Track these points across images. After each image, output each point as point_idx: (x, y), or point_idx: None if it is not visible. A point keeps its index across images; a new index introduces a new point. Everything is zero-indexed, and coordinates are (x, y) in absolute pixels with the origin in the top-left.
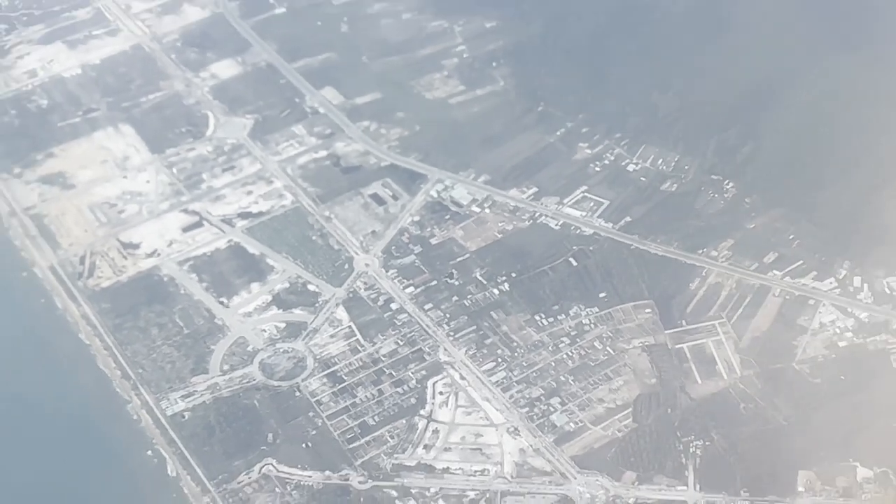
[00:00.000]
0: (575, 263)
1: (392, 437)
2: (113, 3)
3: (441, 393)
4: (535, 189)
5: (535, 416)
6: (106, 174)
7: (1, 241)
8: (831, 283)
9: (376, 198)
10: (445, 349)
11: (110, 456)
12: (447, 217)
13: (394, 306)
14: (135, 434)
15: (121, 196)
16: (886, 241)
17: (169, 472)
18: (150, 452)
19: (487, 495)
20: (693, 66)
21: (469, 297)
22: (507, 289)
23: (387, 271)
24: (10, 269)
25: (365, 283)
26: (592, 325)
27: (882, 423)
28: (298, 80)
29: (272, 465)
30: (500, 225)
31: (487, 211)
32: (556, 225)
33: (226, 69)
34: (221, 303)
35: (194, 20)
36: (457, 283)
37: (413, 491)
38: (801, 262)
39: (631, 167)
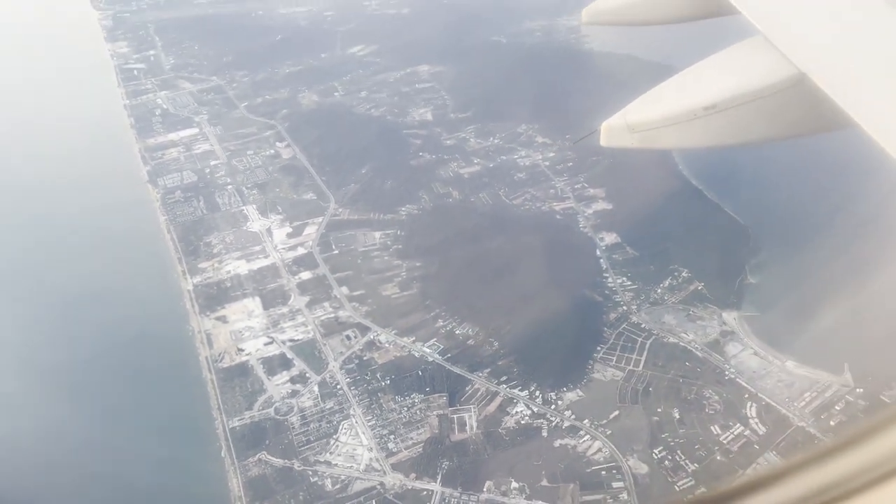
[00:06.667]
0: (420, 374)
1: (318, 447)
2: (269, 243)
3: (346, 429)
4: (413, 338)
5: (382, 443)
6: (241, 318)
7: (191, 342)
8: (525, 393)
9: (348, 337)
10: (353, 408)
11: (202, 444)
12: (374, 347)
13: (338, 387)
14: (215, 435)
15: (244, 328)
16: (561, 378)
17: (222, 454)
18: (218, 444)
19: (349, 478)
20: (512, 300)
21: (371, 385)
22: (388, 383)
23: (340, 370)
24: (189, 356)
25: (330, 376)
26: (419, 403)
27: (528, 462)
28: (332, 282)
29: (265, 454)
30: (395, 353)
31: (391, 347)
32: (418, 355)
33: (305, 275)
34: (269, 378)
35: (300, 253)
36: (368, 378)
37: (318, 472)
38: (515, 381)
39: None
